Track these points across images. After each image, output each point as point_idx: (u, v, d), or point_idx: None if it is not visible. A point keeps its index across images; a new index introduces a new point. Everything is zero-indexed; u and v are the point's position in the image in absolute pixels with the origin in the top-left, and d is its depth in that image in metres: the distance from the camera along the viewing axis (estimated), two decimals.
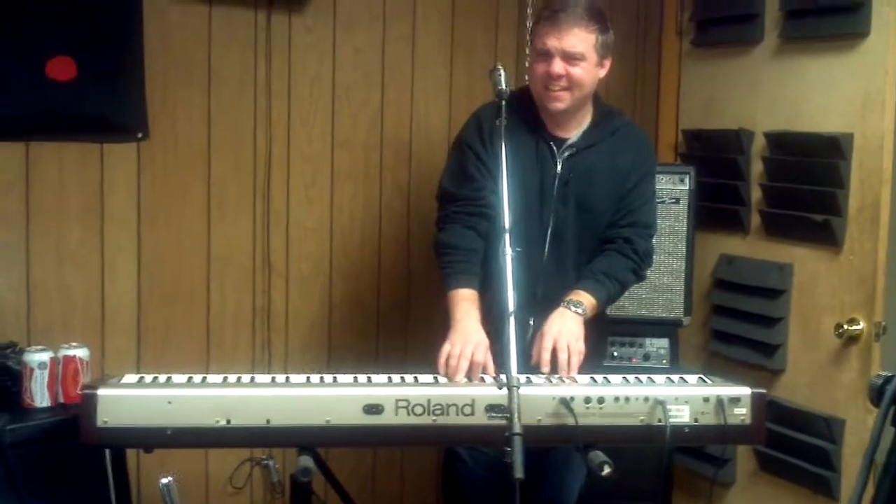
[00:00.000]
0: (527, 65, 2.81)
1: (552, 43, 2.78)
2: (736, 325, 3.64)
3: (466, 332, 2.63)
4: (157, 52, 3.24)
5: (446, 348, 2.59)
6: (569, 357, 2.62)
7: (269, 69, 3.46)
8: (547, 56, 2.79)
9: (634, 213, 2.95)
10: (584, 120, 2.94)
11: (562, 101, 2.82)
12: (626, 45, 4.05)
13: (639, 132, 3.09)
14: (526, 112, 2.88)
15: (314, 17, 3.52)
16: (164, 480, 2.24)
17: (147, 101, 3.23)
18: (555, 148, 2.90)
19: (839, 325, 3.19)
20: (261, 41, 3.44)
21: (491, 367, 2.56)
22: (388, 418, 2.35)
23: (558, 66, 2.77)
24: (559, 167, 2.89)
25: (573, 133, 2.93)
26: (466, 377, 2.53)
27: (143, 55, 3.20)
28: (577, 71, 2.79)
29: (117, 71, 3.14)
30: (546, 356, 2.62)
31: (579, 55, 2.78)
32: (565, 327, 2.69)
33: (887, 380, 1.52)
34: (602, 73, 2.88)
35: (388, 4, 3.65)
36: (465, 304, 2.74)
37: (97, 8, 3.09)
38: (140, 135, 3.22)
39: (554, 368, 2.62)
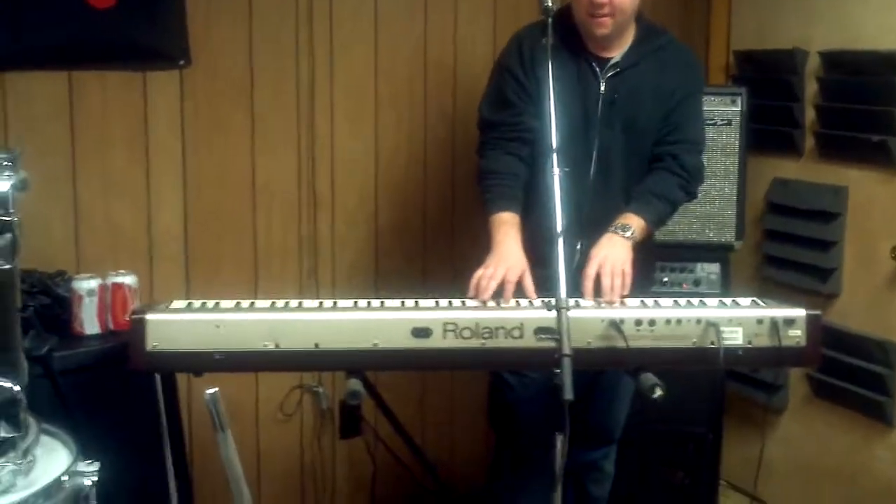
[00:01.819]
0: None
1: None
2: (789, 250, 3.58)
3: (502, 255, 2.62)
4: None
5: (479, 271, 2.57)
6: (613, 281, 2.57)
7: None
8: None
9: (680, 130, 2.89)
10: (628, 39, 2.87)
11: (605, 26, 2.76)
12: None
13: (684, 49, 3.00)
14: (567, 33, 2.82)
15: None
16: (210, 391, 2.24)
17: (188, 28, 3.19)
18: (598, 69, 2.84)
19: (895, 248, 3.12)
20: None
21: (531, 291, 2.53)
22: (436, 342, 2.33)
23: None
24: (603, 87, 2.83)
25: (616, 52, 2.86)
26: (495, 300, 2.50)
27: None
28: None
29: None
30: (589, 285, 2.57)
31: None
32: (612, 252, 2.64)
33: None
34: None
35: None
36: (506, 227, 2.72)
37: None
38: (182, 62, 3.20)
39: (599, 294, 2.57)
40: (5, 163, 1.92)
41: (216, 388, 2.25)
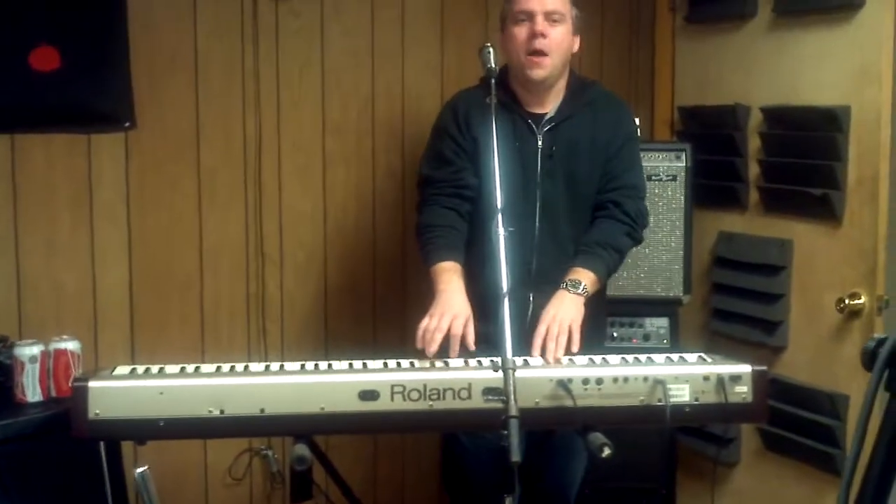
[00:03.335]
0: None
1: (532, 5, 2.81)
2: (736, 303, 3.60)
3: (446, 304, 2.63)
4: (143, 39, 3.20)
5: (425, 321, 2.58)
6: (558, 341, 2.59)
7: (257, 55, 3.42)
8: (528, 17, 2.82)
9: (621, 177, 2.95)
10: (560, 93, 2.95)
11: (543, 67, 2.83)
12: (620, 24, 4.03)
13: (615, 99, 3.09)
14: (502, 93, 2.86)
15: (301, 1, 3.47)
16: (139, 470, 2.20)
17: (133, 89, 3.18)
18: (533, 124, 2.90)
19: (840, 300, 3.15)
20: (247, 27, 3.40)
21: (470, 339, 2.55)
22: (383, 404, 2.32)
23: (541, 24, 2.80)
24: (540, 142, 2.88)
25: (550, 107, 2.93)
26: (442, 355, 2.51)
27: (127, 43, 3.15)
28: (558, 33, 2.82)
29: (102, 59, 3.09)
30: (538, 342, 2.60)
31: (559, 15, 2.83)
32: (561, 311, 2.67)
33: (880, 342, 1.46)
34: (575, 47, 2.92)
35: None
36: (447, 274, 2.74)
37: None
38: (127, 124, 3.18)
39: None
40: None
41: (146, 467, 2.21)
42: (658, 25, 4.04)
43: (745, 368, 2.44)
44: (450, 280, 2.72)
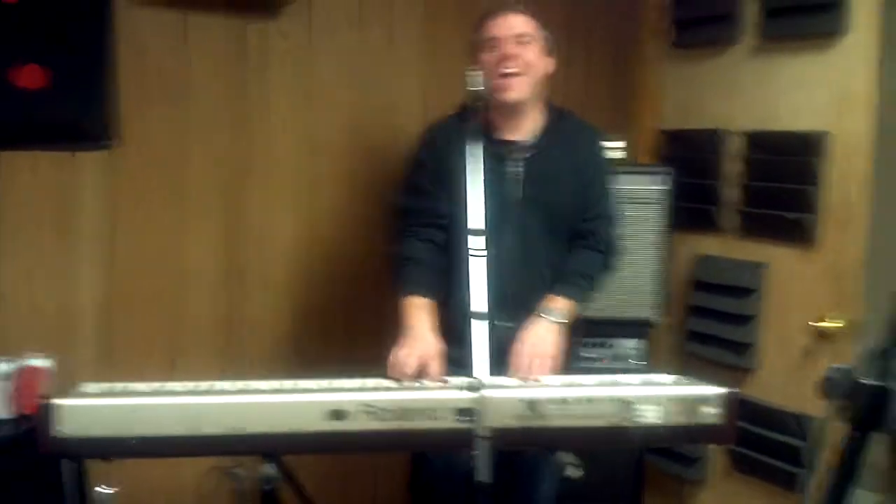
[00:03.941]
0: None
1: (499, 31, 2.83)
2: (711, 325, 3.62)
3: (417, 337, 2.64)
4: (131, 59, 3.19)
5: (396, 350, 2.59)
6: (532, 363, 2.62)
7: (245, 76, 3.43)
8: (496, 42, 2.83)
9: (597, 206, 2.96)
10: (535, 121, 2.93)
11: (515, 89, 2.82)
12: (606, 47, 4.06)
13: (592, 129, 3.07)
14: (475, 121, 2.82)
15: (290, 23, 3.49)
16: (107, 491, 2.18)
17: (120, 108, 3.17)
18: (510, 152, 2.88)
19: (812, 324, 3.18)
20: (236, 48, 3.41)
21: (437, 373, 2.55)
22: (352, 424, 2.30)
23: (510, 47, 2.81)
24: (516, 169, 2.88)
25: (525, 133, 2.91)
26: (417, 378, 2.52)
27: (114, 62, 3.14)
28: (528, 53, 2.82)
29: (87, 78, 3.06)
30: (517, 362, 2.63)
31: (527, 37, 2.83)
32: (538, 339, 2.71)
33: (837, 372, 1.48)
34: (550, 68, 2.90)
35: (363, 10, 3.62)
36: (419, 311, 2.74)
37: (65, 15, 3.03)
38: (113, 142, 3.16)
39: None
40: None
41: (107, 488, 2.19)
42: (643, 50, 4.07)
43: (715, 390, 2.43)
44: (419, 317, 2.73)
